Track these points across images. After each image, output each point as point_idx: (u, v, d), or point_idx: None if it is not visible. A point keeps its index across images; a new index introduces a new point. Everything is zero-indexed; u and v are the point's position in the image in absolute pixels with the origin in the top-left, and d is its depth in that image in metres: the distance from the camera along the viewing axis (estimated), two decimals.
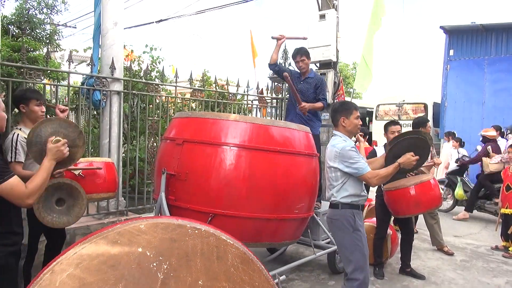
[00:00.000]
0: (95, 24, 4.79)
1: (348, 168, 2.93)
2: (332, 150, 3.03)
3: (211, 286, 1.33)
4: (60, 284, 1.21)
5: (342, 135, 3.08)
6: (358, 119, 3.11)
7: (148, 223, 1.37)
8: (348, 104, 3.19)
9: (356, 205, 3.00)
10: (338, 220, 2.98)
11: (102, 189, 3.33)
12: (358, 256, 2.89)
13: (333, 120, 3.18)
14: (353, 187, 2.98)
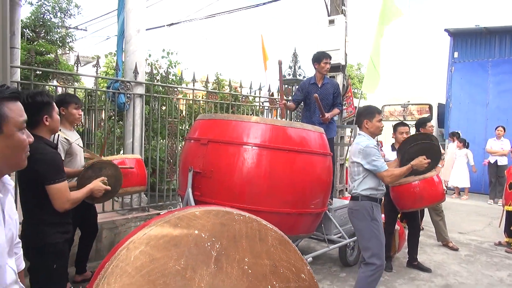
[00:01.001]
0: (119, 31, 5.07)
1: (368, 165, 3.26)
2: (356, 147, 3.35)
3: (255, 262, 1.60)
4: (134, 258, 1.48)
5: (365, 134, 3.41)
6: (380, 122, 3.44)
7: (202, 210, 1.63)
8: (372, 108, 3.52)
9: (374, 198, 3.31)
10: (358, 211, 3.30)
11: (135, 183, 3.64)
12: (375, 243, 3.19)
13: (357, 121, 3.53)
14: (372, 181, 3.30)
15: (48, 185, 2.24)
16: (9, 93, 1.17)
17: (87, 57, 17.92)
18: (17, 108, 1.19)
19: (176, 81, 6.05)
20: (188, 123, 5.74)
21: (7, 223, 1.26)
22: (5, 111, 1.14)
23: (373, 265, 3.16)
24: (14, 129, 1.16)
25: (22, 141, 1.19)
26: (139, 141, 4.89)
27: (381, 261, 3.18)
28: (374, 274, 3.17)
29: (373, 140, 3.38)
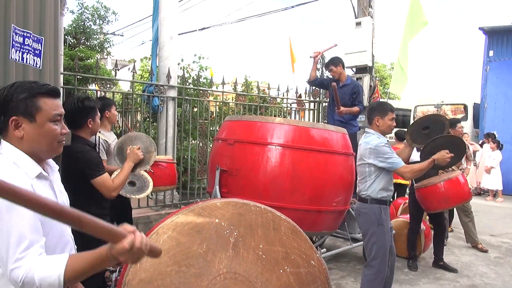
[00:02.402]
0: (153, 38, 5.40)
1: (382, 163, 3.15)
2: (366, 147, 3.24)
3: (269, 249, 1.78)
4: (163, 242, 1.70)
5: (375, 132, 3.26)
6: (392, 121, 3.29)
7: (222, 202, 1.83)
8: (385, 105, 3.40)
9: (384, 201, 3.23)
10: (367, 214, 3.23)
11: (166, 182, 3.89)
12: (378, 248, 3.15)
13: (368, 118, 3.41)
14: (384, 182, 3.21)
15: (91, 179, 2.51)
16: (46, 90, 1.42)
17: (123, 60, 18.74)
18: (52, 103, 1.44)
19: (207, 84, 6.33)
20: (218, 124, 5.99)
21: (59, 197, 1.52)
22: (40, 104, 1.39)
23: (373, 268, 3.14)
24: (46, 120, 1.41)
25: (53, 130, 1.43)
26: (172, 141, 5.18)
27: (382, 265, 3.13)
28: (375, 279, 3.14)
29: (383, 138, 3.24)
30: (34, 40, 2.80)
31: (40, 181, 1.42)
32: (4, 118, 1.37)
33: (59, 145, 1.48)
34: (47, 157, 1.50)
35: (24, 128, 1.38)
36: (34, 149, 1.41)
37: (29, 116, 1.38)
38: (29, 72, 2.83)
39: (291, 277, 1.74)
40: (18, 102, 1.36)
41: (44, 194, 1.42)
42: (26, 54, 2.76)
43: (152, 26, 5.43)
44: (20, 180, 1.32)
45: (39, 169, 1.42)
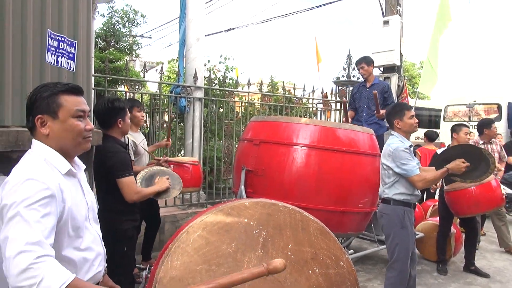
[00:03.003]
0: (180, 39, 5.48)
1: (398, 169, 3.09)
2: (386, 149, 3.20)
3: (297, 249, 1.78)
4: (193, 241, 1.72)
5: (399, 135, 3.20)
6: (412, 119, 3.20)
7: (251, 202, 1.85)
8: (400, 106, 3.36)
9: (407, 203, 3.15)
10: (389, 215, 3.17)
11: (190, 184, 3.94)
12: (401, 250, 3.09)
13: (388, 123, 3.38)
14: (405, 186, 3.12)
15: (117, 178, 2.58)
16: (67, 88, 1.49)
17: (151, 62, 19.10)
18: (73, 99, 1.49)
19: (233, 84, 6.38)
20: (243, 125, 6.02)
21: (86, 195, 1.57)
22: (61, 101, 1.45)
23: (394, 271, 3.09)
24: (69, 115, 1.46)
25: (76, 125, 1.48)
26: (198, 141, 5.25)
27: (404, 267, 3.07)
28: (396, 282, 3.09)
29: (406, 142, 3.17)
30: (68, 44, 2.90)
31: (69, 178, 1.48)
32: (31, 118, 1.45)
33: (85, 141, 1.53)
34: (74, 153, 1.55)
35: (49, 126, 1.44)
36: (61, 146, 1.47)
37: (52, 113, 1.44)
38: (63, 75, 2.93)
39: (320, 278, 1.73)
40: (41, 101, 1.43)
41: (73, 190, 1.47)
42: (60, 57, 2.86)
43: (179, 28, 5.52)
44: (51, 176, 1.37)
45: (69, 165, 1.47)
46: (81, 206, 1.50)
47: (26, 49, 2.60)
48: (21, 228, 1.21)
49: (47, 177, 1.35)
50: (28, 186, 1.29)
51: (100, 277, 1.60)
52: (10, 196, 1.28)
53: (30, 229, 1.21)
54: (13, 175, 1.36)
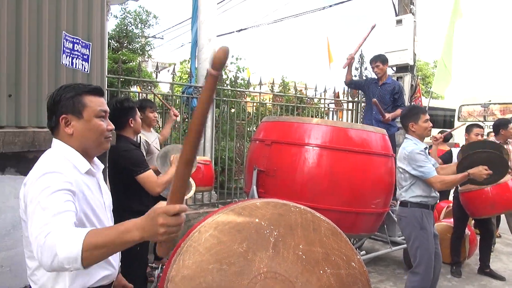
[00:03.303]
0: (192, 40, 5.52)
1: (414, 171, 3.09)
2: (402, 152, 3.20)
3: (308, 250, 1.78)
4: (204, 240, 1.73)
5: (413, 138, 3.22)
6: (427, 123, 3.21)
7: (262, 201, 1.85)
8: (416, 109, 3.36)
9: (425, 205, 3.14)
10: (407, 218, 3.16)
11: (202, 183, 3.96)
12: (422, 252, 3.06)
13: (403, 125, 3.37)
14: (421, 188, 3.12)
15: (136, 175, 2.61)
16: (90, 89, 1.52)
17: (163, 63, 19.27)
18: (96, 100, 1.52)
19: (244, 85, 6.40)
20: (255, 125, 6.03)
21: (104, 195, 1.60)
22: (86, 101, 1.48)
23: (418, 275, 3.06)
24: (93, 115, 1.49)
25: (99, 125, 1.51)
26: (210, 141, 5.28)
27: (427, 270, 3.04)
28: (420, 285, 3.06)
29: (421, 144, 3.18)
30: (83, 46, 2.95)
31: (88, 177, 1.50)
32: (55, 117, 1.47)
33: (106, 141, 1.56)
34: (95, 153, 1.58)
35: (73, 125, 1.47)
36: (83, 145, 1.49)
37: (77, 113, 1.47)
38: (78, 76, 2.99)
39: (332, 278, 1.73)
40: (66, 101, 1.46)
41: (92, 190, 1.50)
42: (75, 59, 2.91)
43: (191, 29, 5.56)
44: (72, 174, 1.40)
45: (88, 165, 1.50)
46: (99, 205, 1.53)
47: (42, 51, 2.66)
48: (39, 214, 1.21)
49: (67, 172, 1.38)
50: (47, 178, 1.31)
51: (114, 277, 1.63)
52: (30, 192, 1.31)
53: (46, 214, 1.20)
54: (33, 172, 1.39)
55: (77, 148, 1.49)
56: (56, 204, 1.23)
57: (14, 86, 2.48)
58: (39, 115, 2.68)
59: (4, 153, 2.40)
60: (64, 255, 1.08)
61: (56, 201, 1.24)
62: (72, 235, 1.11)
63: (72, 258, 1.08)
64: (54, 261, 1.10)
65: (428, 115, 3.26)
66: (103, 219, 1.55)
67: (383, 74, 5.09)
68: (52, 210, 1.21)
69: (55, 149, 1.48)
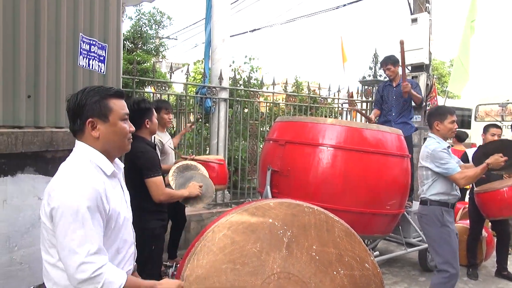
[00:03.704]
0: (206, 41, 5.55)
1: (438, 168, 3.11)
2: (424, 151, 3.22)
3: (322, 250, 1.78)
4: (218, 240, 1.75)
5: (436, 137, 3.23)
6: (453, 124, 3.22)
7: (275, 202, 1.86)
8: (444, 109, 3.36)
9: (445, 203, 3.15)
10: (427, 215, 3.19)
11: (216, 182, 3.97)
12: (446, 249, 3.07)
13: (428, 123, 3.38)
14: (443, 186, 3.14)
15: (146, 178, 2.64)
16: (114, 92, 1.55)
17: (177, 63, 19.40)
18: (120, 103, 1.56)
19: (257, 85, 6.41)
20: (268, 125, 6.03)
21: (125, 193, 1.65)
22: (111, 105, 1.52)
23: (445, 273, 3.04)
24: (117, 119, 1.52)
25: (123, 128, 1.55)
26: (223, 141, 5.30)
27: (454, 269, 3.03)
28: (448, 283, 3.04)
29: (444, 143, 3.20)
30: (99, 47, 3.00)
31: (111, 179, 1.53)
32: (80, 121, 1.49)
33: (128, 142, 1.60)
34: (117, 155, 1.62)
35: (99, 129, 1.49)
36: (108, 147, 1.53)
37: (103, 116, 1.50)
38: (94, 77, 3.04)
39: (345, 279, 1.72)
40: (92, 105, 1.48)
41: (115, 190, 1.53)
42: (92, 60, 2.96)
43: (205, 30, 5.59)
44: (97, 178, 1.44)
45: (113, 167, 1.54)
46: (121, 205, 1.56)
47: (60, 53, 2.71)
48: (76, 235, 1.33)
49: (93, 179, 1.42)
50: (77, 189, 1.37)
51: (130, 275, 1.66)
52: (58, 199, 1.36)
53: (86, 238, 1.34)
54: (61, 177, 1.43)
55: (101, 150, 1.52)
56: (88, 228, 1.35)
57: (33, 87, 2.54)
58: (57, 115, 2.73)
59: (23, 152, 2.46)
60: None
61: (87, 224, 1.36)
62: (116, 279, 1.38)
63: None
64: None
65: (455, 116, 3.26)
66: (127, 218, 1.60)
67: (395, 76, 5.03)
68: (87, 236, 1.35)
69: (80, 152, 1.51)
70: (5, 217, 2.39)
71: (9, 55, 2.39)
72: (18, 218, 2.47)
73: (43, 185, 2.58)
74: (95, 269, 1.32)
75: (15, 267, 2.47)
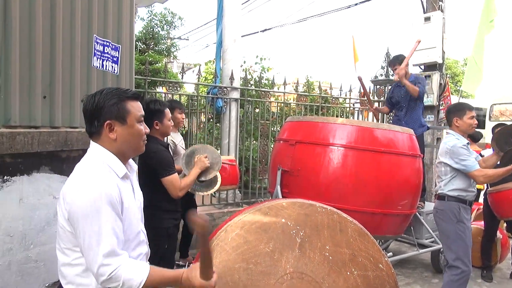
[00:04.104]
0: (217, 41, 5.57)
1: (457, 165, 3.10)
2: (443, 147, 3.23)
3: (335, 251, 1.77)
4: (231, 239, 1.76)
5: (455, 133, 3.23)
6: (472, 119, 3.22)
7: (288, 202, 1.86)
8: (462, 105, 3.36)
9: (463, 199, 3.14)
10: (443, 211, 3.17)
11: (228, 182, 3.99)
12: (460, 245, 3.05)
13: (447, 120, 3.37)
14: (461, 182, 3.14)
15: (162, 177, 2.67)
16: (131, 94, 1.57)
17: (189, 64, 19.52)
18: (137, 105, 1.58)
19: (268, 85, 6.41)
20: (279, 125, 6.03)
21: (136, 195, 1.65)
22: (129, 107, 1.53)
23: (457, 269, 3.03)
24: (134, 121, 1.54)
25: (140, 130, 1.57)
26: (234, 141, 5.32)
27: (466, 265, 3.03)
28: (460, 279, 3.03)
29: (463, 139, 3.19)
30: (113, 48, 3.03)
31: (123, 180, 1.55)
32: (98, 123, 1.50)
33: (143, 144, 1.62)
34: (131, 156, 1.64)
35: (116, 131, 1.51)
36: (124, 149, 1.55)
37: (121, 119, 1.51)
38: (108, 78, 3.07)
39: (359, 280, 1.71)
40: (110, 107, 1.49)
41: (126, 192, 1.55)
42: (105, 61, 3.00)
43: (217, 30, 5.61)
44: (111, 180, 1.46)
45: (125, 169, 1.55)
46: (133, 206, 1.58)
47: (75, 54, 2.75)
48: (94, 237, 1.36)
49: (107, 181, 1.44)
50: (92, 191, 1.39)
51: None
52: (74, 202, 1.39)
53: (103, 239, 1.37)
54: (75, 179, 1.46)
55: (117, 152, 1.53)
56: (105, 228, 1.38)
57: (48, 88, 2.58)
58: (72, 116, 2.77)
59: (39, 152, 2.50)
60: None
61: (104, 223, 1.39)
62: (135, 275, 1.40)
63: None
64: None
65: (474, 112, 3.26)
66: (134, 221, 1.59)
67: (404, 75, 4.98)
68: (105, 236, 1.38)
69: (94, 154, 1.52)
70: (21, 215, 2.44)
71: (25, 57, 2.43)
72: (34, 217, 2.52)
73: (58, 184, 2.63)
74: (111, 271, 1.36)
75: (30, 264, 2.52)
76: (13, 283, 2.42)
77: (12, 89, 2.35)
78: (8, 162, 2.36)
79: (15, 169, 2.40)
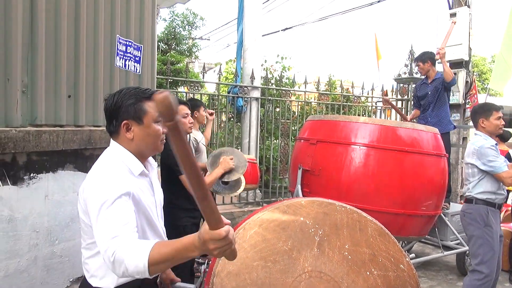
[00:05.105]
0: (238, 40, 5.60)
1: (484, 166, 3.02)
2: (470, 147, 3.15)
3: (354, 250, 1.74)
4: (249, 237, 1.75)
5: (483, 134, 3.16)
6: (499, 120, 3.14)
7: (307, 200, 1.84)
8: (488, 106, 3.27)
9: (491, 203, 3.05)
10: (471, 214, 3.09)
11: (248, 181, 3.99)
12: (486, 250, 2.96)
13: (473, 121, 3.29)
14: (490, 184, 3.05)
15: (180, 175, 2.69)
16: (149, 94, 1.57)
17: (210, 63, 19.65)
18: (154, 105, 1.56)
19: (289, 84, 6.39)
20: (300, 124, 5.99)
21: (156, 193, 1.67)
22: (146, 107, 1.54)
23: (480, 274, 2.94)
24: (151, 121, 1.55)
25: (157, 130, 1.57)
26: (255, 141, 5.33)
27: (490, 270, 2.93)
28: (482, 285, 2.94)
29: (490, 140, 3.11)
30: (135, 48, 3.08)
31: (141, 178, 1.57)
32: (116, 122, 1.53)
33: (161, 143, 1.63)
34: (149, 155, 1.66)
35: (133, 130, 1.53)
36: (141, 149, 1.56)
37: (138, 119, 1.52)
38: (130, 78, 3.13)
39: (379, 280, 1.68)
40: (127, 107, 1.51)
41: (144, 190, 1.57)
42: (128, 61, 3.05)
43: (237, 30, 5.63)
44: (127, 176, 1.48)
45: (142, 167, 1.57)
46: (151, 205, 1.60)
47: (98, 54, 2.81)
48: (104, 225, 1.34)
49: (124, 177, 1.46)
50: (106, 186, 1.41)
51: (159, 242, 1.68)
52: (93, 196, 1.41)
53: (110, 225, 1.34)
54: (94, 175, 1.49)
55: (134, 151, 1.55)
56: (117, 215, 1.35)
57: (73, 88, 2.65)
58: (95, 114, 2.84)
59: (64, 150, 2.57)
60: (132, 269, 1.23)
61: (117, 212, 1.36)
62: (138, 251, 1.23)
63: (141, 271, 1.22)
64: (125, 273, 1.25)
65: (501, 112, 3.19)
66: (153, 218, 1.60)
67: (427, 72, 4.89)
68: (115, 222, 1.33)
69: (113, 152, 1.55)
70: (47, 211, 2.51)
71: (51, 58, 2.50)
72: (59, 213, 2.59)
73: (82, 181, 2.69)
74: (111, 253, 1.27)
75: (56, 259, 2.59)
76: (39, 278, 2.50)
77: (38, 89, 2.42)
78: (34, 160, 2.43)
79: (41, 167, 2.47)
